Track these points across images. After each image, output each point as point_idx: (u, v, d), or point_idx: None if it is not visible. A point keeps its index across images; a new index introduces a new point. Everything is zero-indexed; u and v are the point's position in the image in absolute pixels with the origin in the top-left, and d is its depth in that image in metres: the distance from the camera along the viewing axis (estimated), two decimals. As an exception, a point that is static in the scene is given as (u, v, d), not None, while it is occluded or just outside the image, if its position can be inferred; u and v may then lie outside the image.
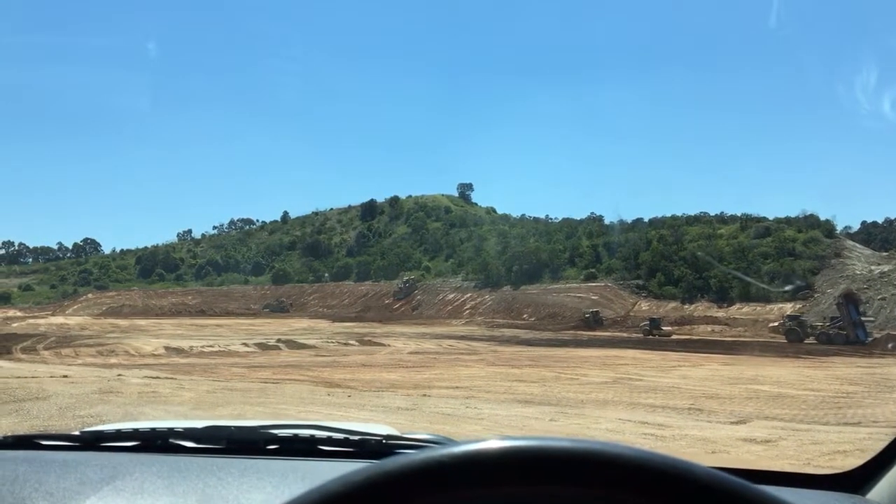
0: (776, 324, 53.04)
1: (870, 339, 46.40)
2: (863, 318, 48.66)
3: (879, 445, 1.73)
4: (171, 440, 2.02)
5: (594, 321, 65.37)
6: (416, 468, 0.65)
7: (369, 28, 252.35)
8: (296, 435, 2.02)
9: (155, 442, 2.03)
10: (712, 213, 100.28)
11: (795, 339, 47.85)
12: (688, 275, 74.76)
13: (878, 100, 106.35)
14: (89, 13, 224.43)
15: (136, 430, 2.09)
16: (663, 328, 56.41)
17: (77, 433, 2.10)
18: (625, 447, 0.68)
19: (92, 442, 2.05)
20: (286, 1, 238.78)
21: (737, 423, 13.77)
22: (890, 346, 44.36)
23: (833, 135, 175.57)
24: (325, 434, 2.02)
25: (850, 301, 49.18)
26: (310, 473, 1.69)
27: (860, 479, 1.69)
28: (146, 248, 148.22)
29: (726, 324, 63.11)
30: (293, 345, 37.09)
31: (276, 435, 2.02)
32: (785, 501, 0.65)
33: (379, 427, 2.24)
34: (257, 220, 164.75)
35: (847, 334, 46.75)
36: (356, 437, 1.99)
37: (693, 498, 0.64)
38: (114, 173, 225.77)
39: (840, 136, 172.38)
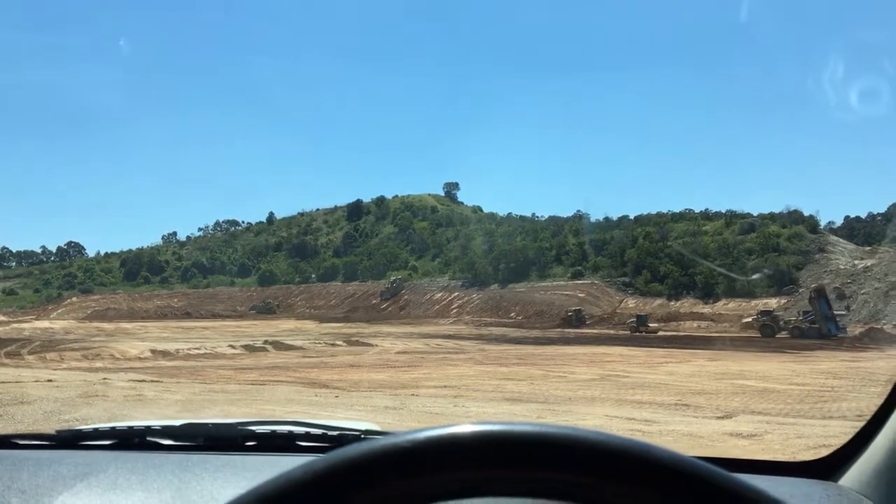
0: (749, 319, 54.01)
1: (841, 332, 47.29)
2: (835, 313, 49.93)
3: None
4: (148, 438, 2.01)
5: (576, 319, 65.37)
6: (377, 454, 0.65)
7: (354, 27, 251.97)
8: (274, 431, 2.02)
9: (132, 440, 2.02)
10: (697, 210, 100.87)
11: (769, 334, 48.88)
12: (674, 272, 75.16)
13: (846, 92, 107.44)
14: (71, 12, 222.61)
15: (112, 429, 2.08)
16: (650, 325, 56.76)
17: (53, 433, 2.09)
18: (589, 431, 0.67)
19: (68, 441, 2.04)
20: None
21: (723, 417, 13.87)
22: (860, 336, 45.16)
23: (815, 130, 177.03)
24: (303, 430, 2.02)
25: (821, 296, 50.42)
26: (287, 468, 1.68)
27: (832, 465, 1.71)
28: (131, 250, 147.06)
29: (712, 320, 63.54)
30: (280, 346, 36.96)
31: (253, 431, 2.02)
32: (752, 485, 0.64)
33: (359, 423, 2.24)
34: (243, 222, 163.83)
35: (819, 328, 47.77)
36: (334, 433, 1.99)
37: (661, 483, 0.63)
38: (97, 175, 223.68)
39: (821, 131, 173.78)
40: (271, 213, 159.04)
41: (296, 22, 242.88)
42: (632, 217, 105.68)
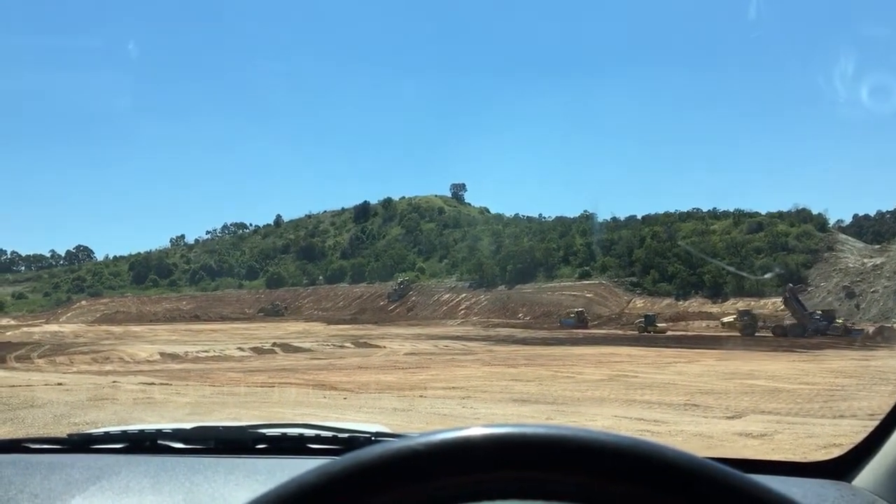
0: (730, 319, 54.96)
1: (819, 329, 49.30)
2: (810, 312, 52.56)
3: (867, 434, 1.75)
4: (159, 441, 2.01)
5: (579, 321, 64.81)
6: (391, 457, 0.65)
7: (360, 29, 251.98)
8: (284, 434, 2.02)
9: (143, 443, 2.02)
10: (705, 209, 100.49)
11: (749, 333, 50.39)
12: (682, 271, 74.94)
13: (856, 89, 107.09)
14: (78, 17, 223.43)
15: (124, 433, 2.08)
16: (658, 325, 56.60)
17: (65, 436, 2.10)
18: (600, 432, 0.67)
19: (80, 444, 2.05)
20: (275, 3, 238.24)
21: (732, 417, 13.83)
22: (871, 334, 45.36)
23: (823, 128, 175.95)
24: (313, 432, 2.02)
25: (794, 295, 53.28)
26: (298, 471, 1.68)
27: (845, 465, 1.71)
28: (139, 254, 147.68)
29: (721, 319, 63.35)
30: (289, 348, 37.02)
31: (264, 434, 2.02)
32: (766, 486, 0.64)
33: (369, 425, 2.24)
34: (250, 224, 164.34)
35: (804, 325, 49.91)
36: (345, 435, 1.99)
37: (673, 484, 0.63)
38: (105, 179, 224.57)
39: (829, 129, 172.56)
40: (279, 216, 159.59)
41: (302, 26, 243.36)
42: (639, 217, 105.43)
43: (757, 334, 50.64)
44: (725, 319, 55.56)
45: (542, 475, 0.65)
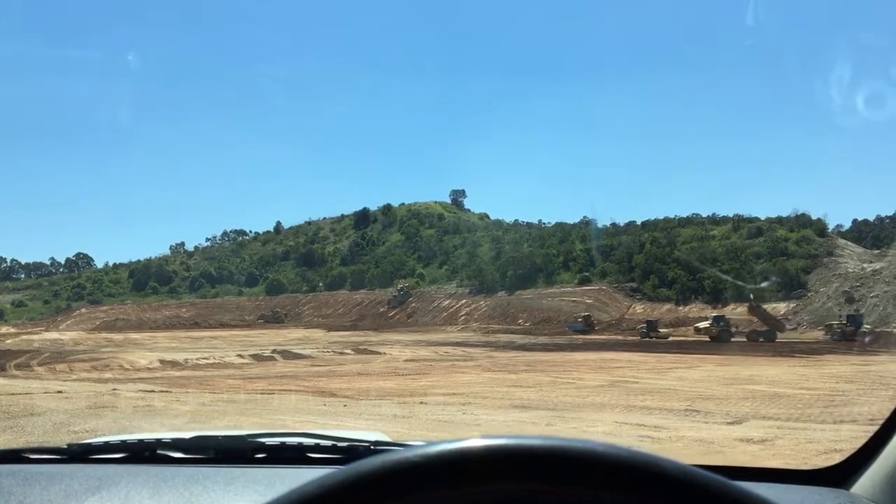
0: (706, 324, 55.00)
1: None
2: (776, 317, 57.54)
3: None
4: (158, 451, 2.01)
5: (586, 325, 64.72)
6: (389, 469, 0.66)
7: (359, 35, 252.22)
8: (283, 443, 2.02)
9: (142, 453, 2.02)
10: (704, 215, 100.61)
11: (725, 339, 50.92)
12: (681, 277, 74.92)
13: (852, 96, 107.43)
14: (77, 24, 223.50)
15: (123, 442, 2.08)
16: (660, 330, 56.72)
17: (64, 446, 2.10)
18: (597, 443, 0.67)
19: (79, 455, 2.05)
20: (274, 7, 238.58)
21: (733, 423, 13.79)
22: (870, 341, 45.64)
23: (822, 133, 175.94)
24: (312, 441, 2.02)
25: (757, 305, 57.07)
26: (297, 481, 1.67)
27: (844, 473, 1.71)
28: (139, 261, 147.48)
29: (721, 324, 63.33)
30: (289, 355, 36.97)
31: (263, 443, 2.02)
32: (759, 495, 0.64)
33: (369, 433, 2.24)
34: (250, 231, 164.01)
35: (779, 328, 53.46)
36: (344, 444, 1.99)
37: (669, 495, 0.64)
38: (105, 187, 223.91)
39: (829, 134, 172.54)
40: (278, 223, 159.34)
41: (301, 31, 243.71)
42: (639, 222, 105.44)
43: (732, 340, 50.89)
44: (700, 325, 55.54)
45: (540, 487, 0.65)
